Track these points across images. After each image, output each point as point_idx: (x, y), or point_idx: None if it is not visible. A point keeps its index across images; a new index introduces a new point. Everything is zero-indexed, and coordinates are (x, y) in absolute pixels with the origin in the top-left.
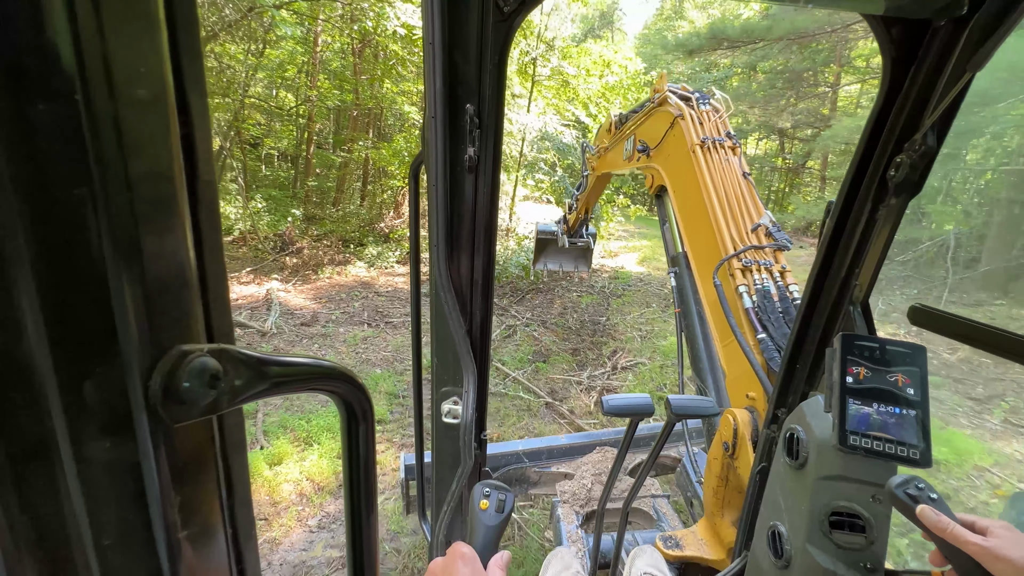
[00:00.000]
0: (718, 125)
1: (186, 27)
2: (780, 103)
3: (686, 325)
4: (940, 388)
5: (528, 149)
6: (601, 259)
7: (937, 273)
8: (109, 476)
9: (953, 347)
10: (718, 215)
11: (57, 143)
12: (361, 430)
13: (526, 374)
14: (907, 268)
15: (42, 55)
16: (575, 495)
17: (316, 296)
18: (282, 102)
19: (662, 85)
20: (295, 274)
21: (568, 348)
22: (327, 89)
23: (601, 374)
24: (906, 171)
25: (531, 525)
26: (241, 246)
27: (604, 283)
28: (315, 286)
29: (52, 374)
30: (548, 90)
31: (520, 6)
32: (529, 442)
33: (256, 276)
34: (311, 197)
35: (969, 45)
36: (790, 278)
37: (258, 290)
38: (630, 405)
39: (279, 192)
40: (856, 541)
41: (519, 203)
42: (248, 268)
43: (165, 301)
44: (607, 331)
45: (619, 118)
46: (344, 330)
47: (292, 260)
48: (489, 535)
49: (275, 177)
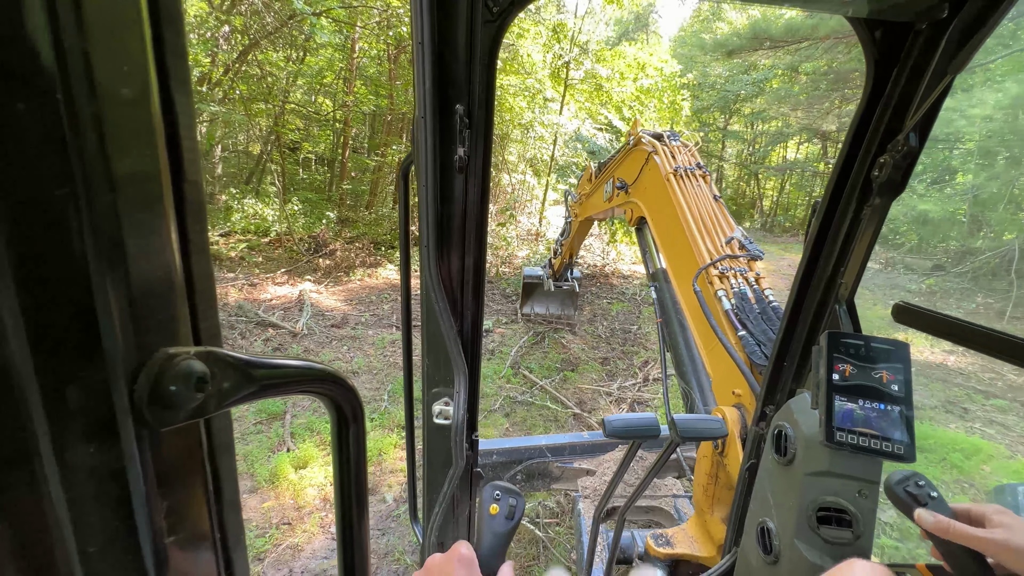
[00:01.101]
0: (688, 157)
1: (170, 25)
2: (824, 105)
3: (668, 333)
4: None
5: (559, 152)
6: (632, 266)
7: (999, 286)
8: (94, 482)
9: None
10: (694, 232)
11: (38, 143)
12: (351, 432)
13: (554, 383)
14: (964, 280)
15: (21, 52)
16: (597, 491)
17: (347, 298)
18: (320, 107)
19: (636, 129)
20: (327, 276)
21: (598, 357)
22: (363, 94)
23: (632, 385)
24: (889, 171)
25: (556, 544)
26: (277, 248)
27: (635, 290)
28: (346, 288)
29: (34, 378)
30: (581, 93)
31: (509, 6)
32: (553, 437)
33: (290, 277)
34: (345, 200)
35: (950, 47)
36: (765, 283)
37: (291, 291)
38: (635, 426)
39: (315, 195)
40: (843, 536)
41: (550, 207)
42: (283, 269)
43: (150, 303)
44: (638, 340)
45: (598, 167)
46: (373, 332)
47: (325, 262)
48: (497, 542)
49: (312, 180)
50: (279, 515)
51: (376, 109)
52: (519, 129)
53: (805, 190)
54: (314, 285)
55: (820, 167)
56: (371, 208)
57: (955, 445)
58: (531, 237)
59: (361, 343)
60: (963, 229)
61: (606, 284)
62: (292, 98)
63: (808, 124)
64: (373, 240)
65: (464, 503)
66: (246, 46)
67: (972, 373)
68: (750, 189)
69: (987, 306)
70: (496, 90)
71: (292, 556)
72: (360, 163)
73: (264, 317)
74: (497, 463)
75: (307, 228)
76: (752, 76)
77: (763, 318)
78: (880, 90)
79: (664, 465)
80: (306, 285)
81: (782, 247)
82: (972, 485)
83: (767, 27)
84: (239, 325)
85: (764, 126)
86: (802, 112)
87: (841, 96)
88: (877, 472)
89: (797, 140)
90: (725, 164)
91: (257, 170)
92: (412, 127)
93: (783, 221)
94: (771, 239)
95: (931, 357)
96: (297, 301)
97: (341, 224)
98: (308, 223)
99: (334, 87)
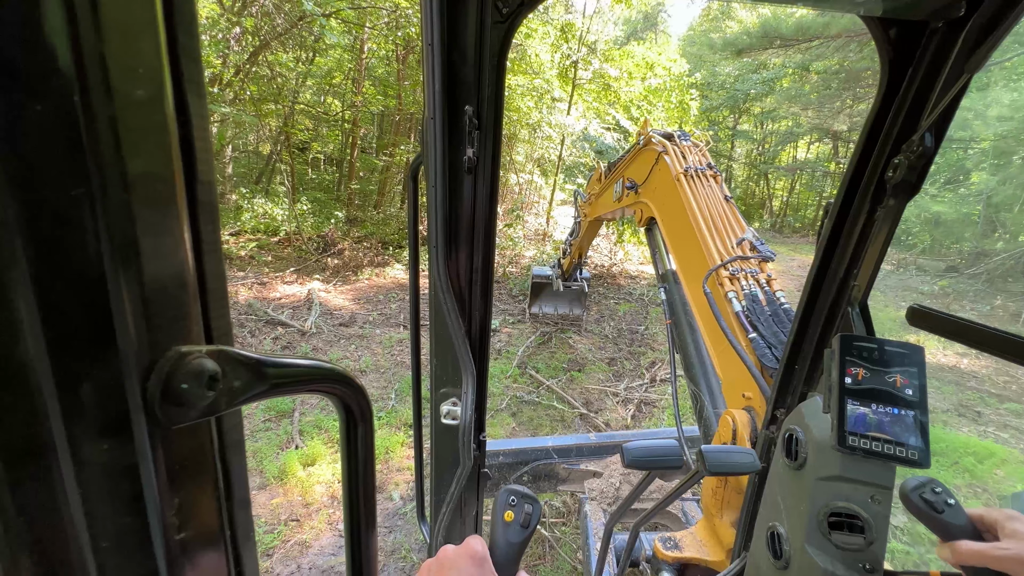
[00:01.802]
0: (699, 157)
1: (185, 28)
2: (836, 104)
3: (678, 335)
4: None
5: (567, 152)
6: (640, 266)
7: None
8: (107, 478)
9: None
10: (704, 233)
11: (55, 144)
12: (360, 432)
13: (560, 383)
14: (978, 282)
15: (40, 55)
16: (603, 493)
17: (355, 297)
18: (329, 108)
19: (646, 129)
20: (336, 275)
21: (604, 357)
22: (371, 95)
23: (639, 386)
24: (904, 172)
25: (563, 545)
26: (286, 247)
27: (643, 290)
28: (354, 287)
29: (49, 376)
30: (589, 93)
31: (519, 7)
32: (559, 439)
33: (299, 276)
34: (354, 200)
35: (966, 47)
36: (776, 285)
37: (300, 290)
38: (656, 456)
39: (323, 195)
40: (855, 542)
41: (557, 208)
42: (292, 268)
43: (163, 302)
44: (645, 341)
45: (607, 167)
46: (380, 332)
47: (333, 261)
48: (511, 551)
49: (321, 180)
50: (287, 511)
51: (385, 109)
52: (527, 129)
53: (815, 190)
54: (322, 284)
55: (831, 167)
56: (379, 208)
57: (968, 449)
58: (538, 237)
59: (369, 342)
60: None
61: (613, 284)
62: (301, 98)
63: (819, 124)
64: (381, 240)
65: (471, 503)
66: (256, 47)
67: (986, 376)
68: (759, 189)
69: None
70: (505, 91)
71: (300, 552)
72: (368, 163)
73: (273, 315)
74: (503, 464)
75: (316, 228)
76: (762, 75)
77: (774, 320)
78: (895, 90)
79: (685, 491)
80: (314, 284)
81: (792, 247)
82: (985, 490)
83: (777, 25)
84: (249, 323)
85: (774, 125)
86: (813, 112)
87: (853, 95)
88: (890, 477)
89: (808, 140)
90: (734, 164)
91: (267, 170)
92: (422, 128)
93: (793, 222)
94: (780, 239)
95: (944, 360)
96: (306, 300)
97: (349, 224)
98: (317, 223)
99: (343, 87)
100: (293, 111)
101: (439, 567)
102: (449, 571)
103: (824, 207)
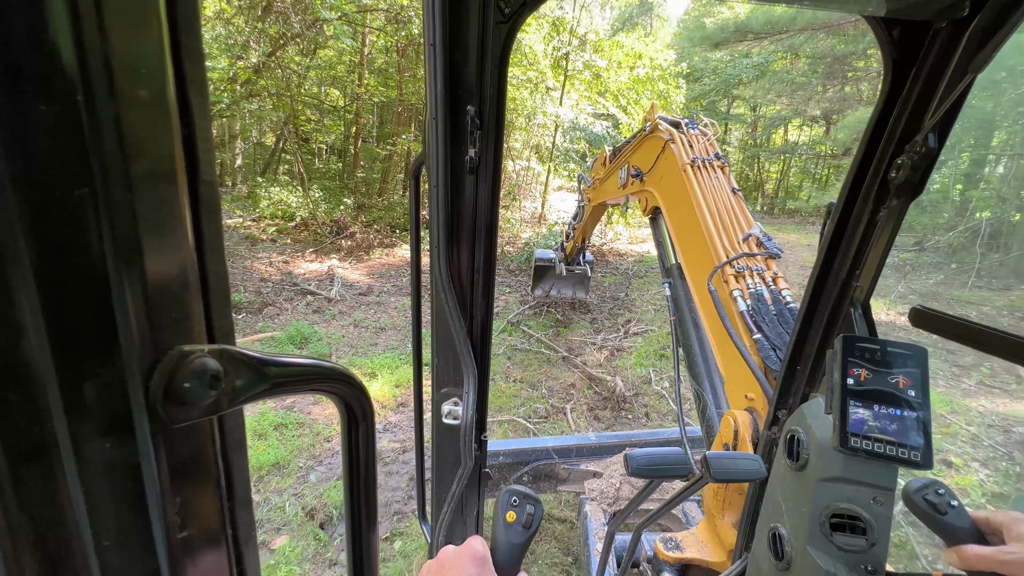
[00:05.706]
0: (707, 147)
1: (188, 28)
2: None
3: (682, 332)
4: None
5: (560, 139)
6: (629, 245)
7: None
8: (109, 477)
9: None
10: (710, 227)
11: (58, 144)
12: (361, 430)
13: (548, 336)
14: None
15: (43, 55)
16: (603, 493)
17: (369, 272)
18: (332, 99)
19: (653, 115)
20: (350, 255)
21: (588, 318)
22: (373, 87)
23: (614, 337)
24: (907, 172)
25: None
26: (303, 231)
27: (628, 266)
28: (368, 264)
29: (52, 374)
30: (580, 83)
31: (521, 7)
32: (559, 439)
33: (318, 256)
34: (359, 188)
35: (970, 47)
36: (782, 283)
37: (320, 267)
38: (661, 464)
39: (330, 183)
40: (857, 543)
41: (554, 192)
42: (311, 249)
43: (166, 301)
44: (625, 305)
45: (613, 151)
46: (395, 299)
47: (347, 243)
48: (513, 552)
49: (327, 169)
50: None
51: (385, 100)
52: (523, 118)
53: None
54: (340, 262)
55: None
56: (383, 195)
57: None
58: (535, 220)
59: (385, 307)
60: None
61: (602, 261)
62: (305, 90)
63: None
64: (389, 223)
65: (472, 503)
66: (273, 48)
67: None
68: (753, 172)
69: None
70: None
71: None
72: (371, 152)
73: (304, 287)
74: (503, 464)
75: (328, 213)
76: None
77: (779, 321)
78: (898, 90)
79: (688, 496)
80: (333, 261)
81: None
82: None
83: (747, 21)
84: (285, 291)
85: (764, 109)
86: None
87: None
88: (893, 479)
89: (798, 123)
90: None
91: (273, 160)
92: (423, 123)
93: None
94: (769, 220)
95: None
96: (327, 274)
97: (358, 209)
98: (328, 209)
99: (345, 79)
100: (297, 102)
101: (440, 567)
102: (450, 571)
103: (827, 207)
